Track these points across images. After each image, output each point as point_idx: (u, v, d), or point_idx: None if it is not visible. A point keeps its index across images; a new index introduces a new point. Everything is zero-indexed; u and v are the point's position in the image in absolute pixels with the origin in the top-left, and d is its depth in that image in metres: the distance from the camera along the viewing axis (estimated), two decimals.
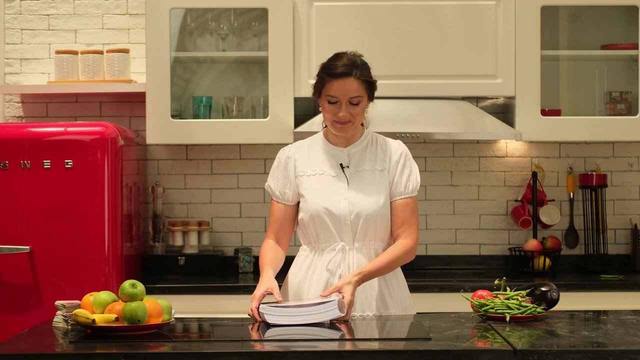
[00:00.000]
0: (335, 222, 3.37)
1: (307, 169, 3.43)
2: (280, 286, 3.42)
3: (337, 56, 3.37)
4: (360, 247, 3.39)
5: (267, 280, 3.28)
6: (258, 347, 2.78)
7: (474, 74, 4.72)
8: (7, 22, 5.05)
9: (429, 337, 2.86)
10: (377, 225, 3.38)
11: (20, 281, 4.37)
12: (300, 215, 3.42)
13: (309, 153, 3.45)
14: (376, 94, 3.40)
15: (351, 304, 3.19)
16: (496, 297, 3.24)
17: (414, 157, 3.47)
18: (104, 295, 3.01)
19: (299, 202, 3.45)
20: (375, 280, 3.37)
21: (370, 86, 3.36)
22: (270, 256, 3.40)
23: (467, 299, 3.30)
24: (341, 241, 3.38)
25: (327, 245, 3.38)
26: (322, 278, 3.37)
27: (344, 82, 3.30)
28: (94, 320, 2.88)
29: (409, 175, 3.42)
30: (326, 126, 3.45)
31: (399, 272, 3.48)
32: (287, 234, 3.48)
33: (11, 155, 4.37)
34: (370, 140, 3.45)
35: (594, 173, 4.97)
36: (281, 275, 3.54)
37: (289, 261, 3.52)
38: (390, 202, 3.40)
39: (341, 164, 3.41)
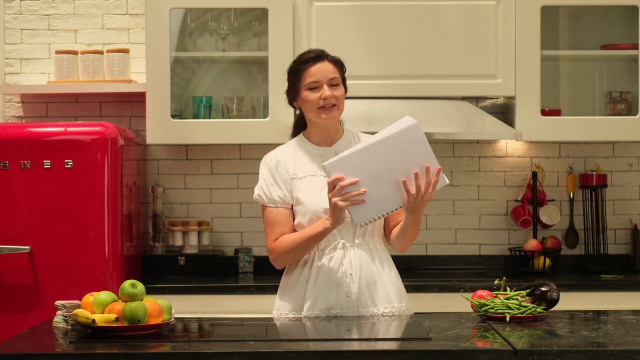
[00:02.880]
0: None
1: (297, 172, 3.41)
2: (277, 289, 3.44)
3: (303, 52, 3.47)
4: (361, 243, 3.38)
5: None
6: (258, 346, 2.77)
7: (474, 74, 4.72)
8: (7, 22, 5.05)
9: (429, 337, 2.86)
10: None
11: (20, 281, 4.37)
12: (298, 219, 3.40)
13: (295, 156, 3.44)
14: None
15: None
16: (496, 297, 3.24)
17: None
18: (104, 295, 3.01)
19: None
20: (378, 277, 3.38)
21: (342, 72, 3.43)
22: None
23: (467, 299, 3.30)
24: (341, 239, 3.37)
25: (328, 245, 3.36)
26: (325, 277, 3.36)
27: (320, 65, 3.38)
28: (94, 320, 2.88)
29: None
30: (298, 133, 3.48)
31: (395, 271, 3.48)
32: None
33: (11, 155, 4.37)
34: (352, 137, 3.47)
35: (594, 173, 4.96)
36: (278, 278, 3.53)
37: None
38: None
39: None
